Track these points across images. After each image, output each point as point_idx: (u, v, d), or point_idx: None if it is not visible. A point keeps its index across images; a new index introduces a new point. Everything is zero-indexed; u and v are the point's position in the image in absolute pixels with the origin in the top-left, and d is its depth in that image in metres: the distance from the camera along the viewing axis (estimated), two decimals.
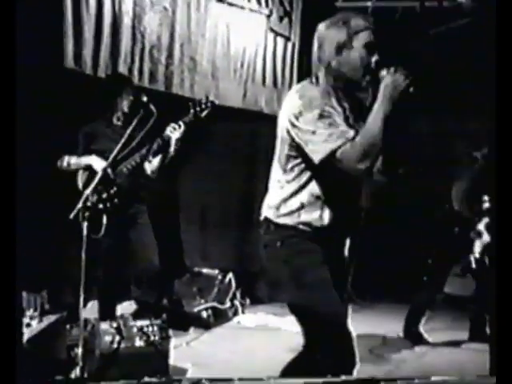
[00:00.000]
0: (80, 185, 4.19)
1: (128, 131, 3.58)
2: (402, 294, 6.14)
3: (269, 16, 6.18)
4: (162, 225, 5.55)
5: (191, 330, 4.82)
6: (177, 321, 4.86)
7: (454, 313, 5.63)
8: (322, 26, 2.53)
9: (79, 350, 3.19)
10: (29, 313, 3.74)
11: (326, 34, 2.48)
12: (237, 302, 5.41)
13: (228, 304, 5.29)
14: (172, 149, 4.19)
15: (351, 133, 2.37)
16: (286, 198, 2.56)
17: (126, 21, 4.92)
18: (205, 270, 5.45)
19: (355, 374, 2.54)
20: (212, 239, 5.99)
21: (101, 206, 3.98)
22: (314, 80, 2.51)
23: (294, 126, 2.44)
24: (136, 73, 5.03)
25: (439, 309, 5.33)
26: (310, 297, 2.53)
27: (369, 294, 6.46)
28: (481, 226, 4.70)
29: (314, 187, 2.51)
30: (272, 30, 6.23)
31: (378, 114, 2.34)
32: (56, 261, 4.73)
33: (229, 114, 5.84)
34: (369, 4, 6.72)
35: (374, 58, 2.44)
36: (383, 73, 2.39)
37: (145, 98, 3.79)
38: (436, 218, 4.96)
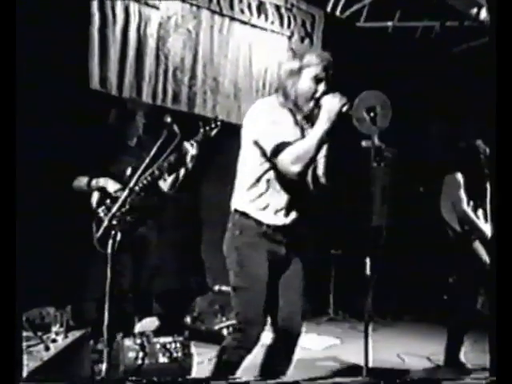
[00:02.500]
0: (94, 205, 4.26)
1: (152, 152, 3.64)
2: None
3: (290, 37, 6.28)
4: (184, 243, 5.65)
5: (213, 347, 4.86)
6: (199, 338, 4.92)
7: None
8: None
9: (103, 366, 3.24)
10: (55, 328, 3.82)
11: (285, 62, 3.11)
12: None
13: None
14: (189, 166, 4.26)
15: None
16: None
17: (151, 43, 5.06)
18: (226, 288, 5.50)
19: None
20: (218, 256, 6.04)
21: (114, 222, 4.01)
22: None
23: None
24: (160, 94, 5.14)
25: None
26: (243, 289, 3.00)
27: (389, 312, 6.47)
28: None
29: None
30: (292, 50, 6.32)
31: (316, 130, 2.84)
32: (81, 277, 4.82)
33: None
34: (389, 24, 6.80)
35: (321, 89, 2.95)
36: (323, 99, 2.89)
37: (168, 119, 3.85)
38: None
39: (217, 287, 5.52)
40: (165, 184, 4.36)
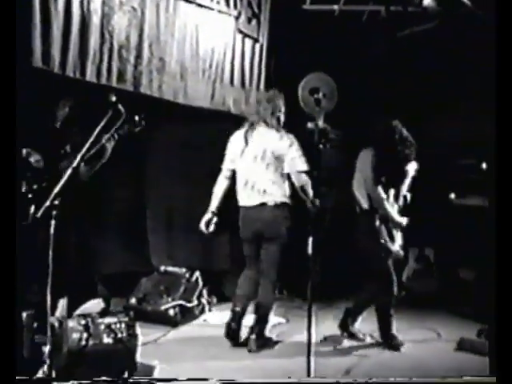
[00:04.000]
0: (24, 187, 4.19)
1: (96, 131, 3.59)
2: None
3: (237, 17, 6.24)
4: (128, 225, 5.61)
5: (158, 327, 4.86)
6: (145, 319, 4.91)
7: (416, 311, 5.76)
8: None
9: (47, 348, 3.20)
10: None
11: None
12: (204, 300, 5.46)
13: (195, 302, 5.34)
14: (106, 157, 4.28)
15: None
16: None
17: (95, 20, 4.93)
18: (172, 269, 5.50)
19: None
20: (179, 238, 6.03)
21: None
22: None
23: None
24: (104, 72, 5.04)
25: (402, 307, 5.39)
26: None
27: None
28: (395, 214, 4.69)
29: None
30: (240, 31, 6.29)
31: None
32: (23, 258, 4.72)
33: (197, 114, 5.91)
34: (335, 7, 6.83)
35: None
36: None
37: (113, 98, 3.80)
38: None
39: (162, 268, 5.51)
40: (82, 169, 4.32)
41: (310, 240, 3.48)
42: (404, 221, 4.74)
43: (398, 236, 4.75)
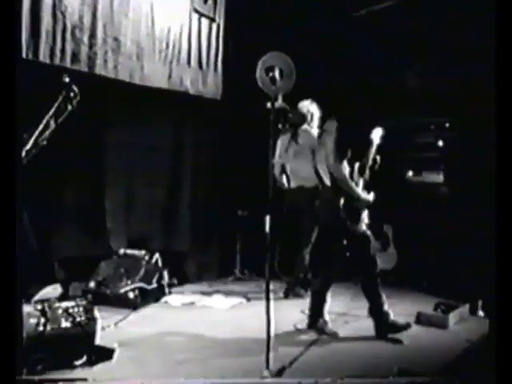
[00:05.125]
0: None
1: (51, 112, 3.53)
2: None
3: None
4: (86, 207, 5.53)
5: (119, 310, 4.83)
6: (104, 302, 4.87)
7: None
8: None
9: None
10: None
11: None
12: (164, 282, 5.44)
13: (155, 284, 5.32)
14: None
15: None
16: None
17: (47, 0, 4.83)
18: (131, 251, 5.45)
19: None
20: (138, 220, 5.98)
21: None
22: None
23: None
24: (58, 53, 4.94)
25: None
26: None
27: None
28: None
29: None
30: (196, 10, 6.23)
31: None
32: None
33: (154, 94, 5.85)
34: None
35: None
36: None
37: (67, 79, 3.73)
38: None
39: (122, 250, 5.46)
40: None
41: (268, 218, 3.49)
42: (370, 197, 4.45)
43: (365, 214, 4.48)
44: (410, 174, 6.52)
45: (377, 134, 4.53)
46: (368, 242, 4.46)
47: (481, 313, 5.11)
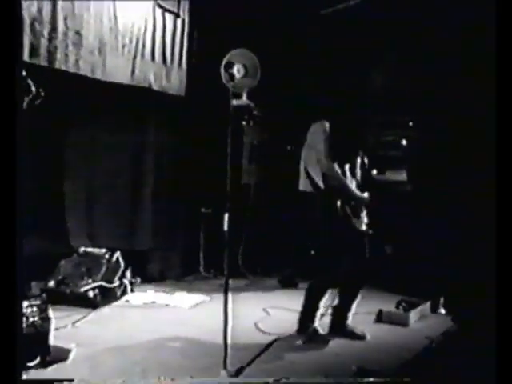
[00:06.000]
0: None
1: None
2: None
3: None
4: (44, 205, 5.42)
5: (78, 310, 4.75)
6: (64, 301, 4.79)
7: None
8: None
9: None
10: None
11: None
12: (126, 281, 5.37)
13: (116, 283, 5.24)
14: None
15: None
16: None
17: None
18: (91, 250, 5.36)
19: None
20: (99, 218, 5.88)
21: None
22: None
23: None
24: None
25: None
26: None
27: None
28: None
29: None
30: (160, 5, 6.14)
31: None
32: None
33: (117, 90, 5.76)
34: None
35: None
36: None
37: (23, 73, 3.64)
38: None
39: (82, 249, 5.37)
40: None
41: (226, 216, 3.45)
42: (366, 195, 4.35)
43: (364, 214, 4.35)
44: (374, 172, 6.53)
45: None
46: (369, 242, 4.33)
47: (442, 310, 5.15)
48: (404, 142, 6.44)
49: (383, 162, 6.45)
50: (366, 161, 4.47)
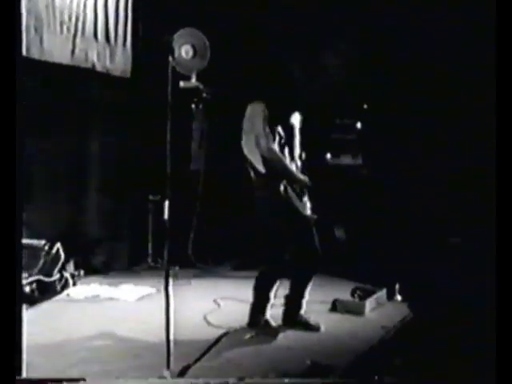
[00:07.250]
0: None
1: None
2: None
3: None
4: None
5: None
6: None
7: None
8: None
9: None
10: None
11: None
12: (67, 274, 5.06)
13: (56, 276, 4.93)
14: None
15: None
16: None
17: None
18: (28, 241, 5.00)
19: None
20: (38, 207, 5.49)
21: None
22: None
23: None
24: None
25: None
26: None
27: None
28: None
29: None
30: None
31: None
32: None
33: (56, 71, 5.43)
34: None
35: None
36: None
37: None
38: None
39: None
40: None
41: (166, 204, 3.21)
42: (306, 178, 4.16)
43: (306, 198, 4.17)
44: (328, 156, 6.35)
45: (296, 120, 4.20)
46: (315, 227, 4.15)
47: (398, 297, 5.02)
48: (359, 125, 6.28)
49: (338, 145, 6.29)
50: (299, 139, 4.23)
